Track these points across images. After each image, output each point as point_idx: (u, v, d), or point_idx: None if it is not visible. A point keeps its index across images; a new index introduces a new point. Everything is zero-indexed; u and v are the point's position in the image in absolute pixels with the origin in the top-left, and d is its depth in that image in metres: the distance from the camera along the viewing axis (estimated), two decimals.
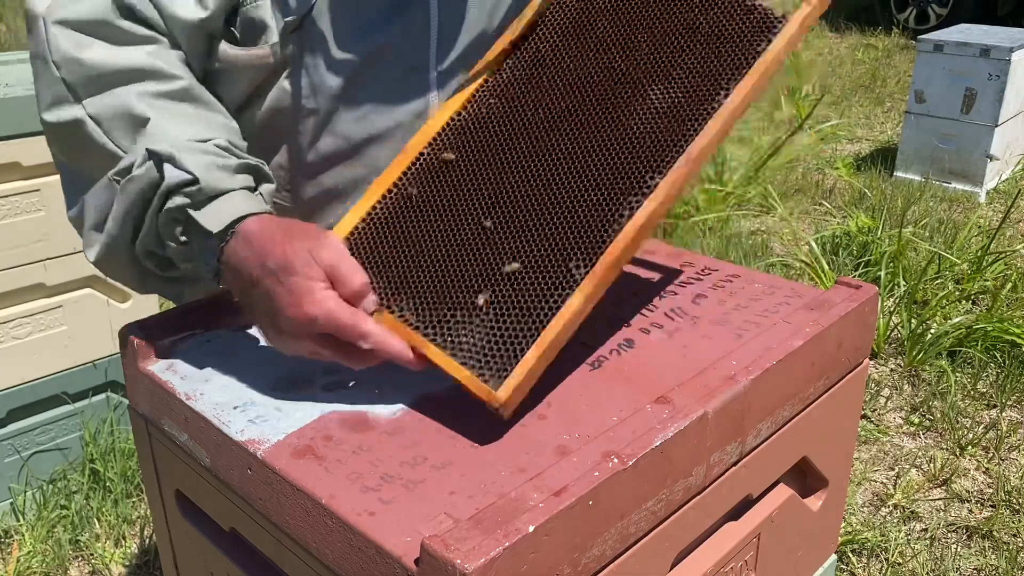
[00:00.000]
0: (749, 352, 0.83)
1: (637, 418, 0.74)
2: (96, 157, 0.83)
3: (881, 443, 2.26)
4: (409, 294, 0.79)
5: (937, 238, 3.28)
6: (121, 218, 0.81)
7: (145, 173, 0.79)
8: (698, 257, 1.08)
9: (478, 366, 0.74)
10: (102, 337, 1.98)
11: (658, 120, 0.82)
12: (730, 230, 3.44)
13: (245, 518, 0.77)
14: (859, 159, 4.34)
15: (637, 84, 0.84)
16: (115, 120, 0.82)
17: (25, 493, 1.94)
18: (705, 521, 0.78)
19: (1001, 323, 2.59)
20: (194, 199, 0.78)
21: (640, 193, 0.79)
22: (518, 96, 0.87)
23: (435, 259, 0.80)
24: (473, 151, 0.85)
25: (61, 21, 0.83)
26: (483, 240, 0.80)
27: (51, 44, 0.83)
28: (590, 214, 0.79)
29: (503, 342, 0.75)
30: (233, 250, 0.78)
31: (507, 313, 0.76)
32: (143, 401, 0.87)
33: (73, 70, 0.83)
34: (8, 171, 1.77)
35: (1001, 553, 1.86)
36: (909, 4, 6.84)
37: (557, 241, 0.78)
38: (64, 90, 0.83)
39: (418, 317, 0.78)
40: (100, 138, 0.82)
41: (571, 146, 0.83)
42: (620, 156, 0.81)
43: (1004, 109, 3.76)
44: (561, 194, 0.81)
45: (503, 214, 0.81)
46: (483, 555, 0.56)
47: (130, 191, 0.80)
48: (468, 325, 0.77)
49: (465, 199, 0.83)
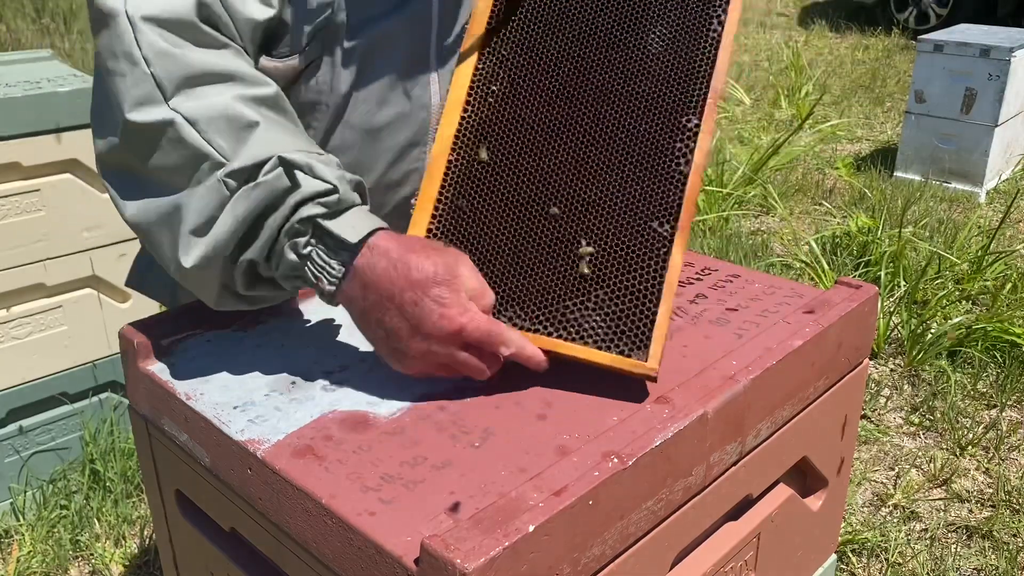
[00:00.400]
0: (749, 352, 0.83)
1: (637, 418, 0.74)
2: (183, 161, 0.79)
3: (881, 443, 2.26)
4: (509, 302, 0.80)
5: (937, 238, 3.28)
6: (234, 224, 0.77)
7: (275, 179, 0.76)
8: (698, 257, 1.08)
9: (615, 345, 0.77)
10: (102, 337, 1.98)
11: (669, 63, 0.84)
12: (730, 230, 3.44)
13: (245, 518, 0.77)
14: (859, 159, 4.34)
15: (632, 37, 0.85)
16: (215, 122, 0.78)
17: (25, 493, 1.94)
18: (705, 521, 0.78)
19: (1001, 323, 2.59)
20: (331, 208, 0.77)
21: (685, 137, 0.81)
22: (523, 78, 0.85)
23: (518, 262, 0.81)
24: (505, 145, 0.84)
25: (149, 17, 0.80)
26: (557, 227, 0.81)
27: (140, 40, 0.79)
28: (649, 171, 0.81)
29: (627, 315, 0.77)
30: (368, 264, 0.76)
31: (616, 287, 0.78)
32: (143, 401, 0.87)
33: (166, 67, 0.79)
34: (8, 171, 1.77)
35: (1001, 553, 1.86)
36: (909, 4, 6.84)
37: (629, 207, 0.80)
38: (153, 88, 0.79)
39: (532, 321, 0.79)
40: (195, 140, 0.78)
41: (597, 113, 0.83)
42: (651, 108, 0.83)
43: (1004, 109, 3.76)
44: (611, 161, 0.82)
45: (564, 197, 0.81)
46: (483, 555, 0.56)
47: (254, 197, 0.76)
48: (584, 311, 0.78)
49: (519, 195, 0.82)
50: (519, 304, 0.79)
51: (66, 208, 1.85)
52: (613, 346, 0.77)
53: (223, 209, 0.77)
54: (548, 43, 0.86)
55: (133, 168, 0.82)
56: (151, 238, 0.81)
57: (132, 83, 0.79)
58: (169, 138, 0.79)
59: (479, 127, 0.85)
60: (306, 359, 0.86)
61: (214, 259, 0.78)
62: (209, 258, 0.78)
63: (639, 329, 0.77)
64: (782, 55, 6.34)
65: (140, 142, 0.80)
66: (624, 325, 0.77)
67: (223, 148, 0.78)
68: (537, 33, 0.87)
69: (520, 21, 0.87)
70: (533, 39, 0.87)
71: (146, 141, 0.80)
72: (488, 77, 0.86)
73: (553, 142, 0.83)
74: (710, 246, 3.25)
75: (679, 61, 0.84)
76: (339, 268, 0.77)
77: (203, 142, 0.78)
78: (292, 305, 0.97)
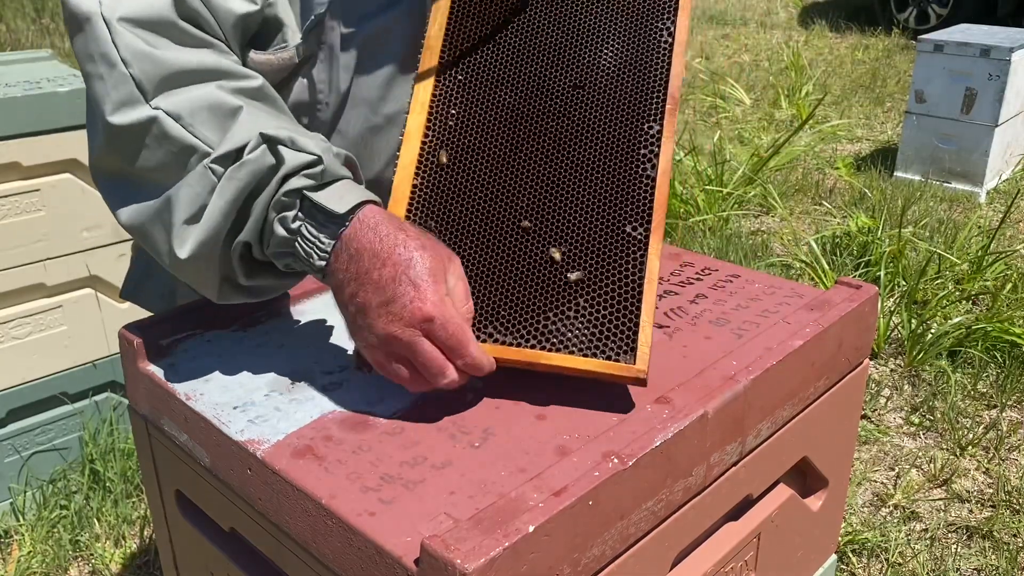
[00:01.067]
0: (749, 352, 0.83)
1: (637, 418, 0.74)
2: (170, 157, 0.78)
3: (881, 443, 2.26)
4: (489, 318, 0.79)
5: (937, 238, 3.28)
6: (225, 207, 0.76)
7: (259, 157, 0.76)
8: (698, 257, 1.08)
9: (601, 351, 0.77)
10: (102, 337, 1.98)
11: (625, 75, 0.86)
12: (730, 230, 3.44)
13: (245, 518, 0.77)
14: (859, 159, 4.34)
15: (586, 53, 0.88)
16: (198, 113, 0.78)
17: (25, 493, 1.94)
18: (705, 521, 0.78)
19: (1001, 323, 2.59)
20: (317, 180, 0.76)
21: (648, 143, 0.83)
22: (481, 99, 0.86)
23: (494, 278, 0.80)
24: (469, 165, 0.85)
25: (126, 18, 0.79)
26: (530, 241, 0.81)
27: (118, 41, 0.78)
28: (616, 178, 0.82)
29: (610, 320, 0.78)
30: (355, 236, 0.75)
31: (596, 294, 0.79)
32: (143, 401, 0.87)
33: (145, 68, 0.78)
34: (8, 171, 1.77)
35: (1001, 553, 1.86)
36: (909, 4, 6.84)
37: (601, 214, 0.81)
38: (134, 89, 0.78)
39: (513, 335, 0.78)
40: (179, 133, 0.77)
41: (559, 128, 0.85)
42: (612, 118, 0.85)
43: (1004, 109, 3.76)
44: (578, 172, 0.83)
45: (534, 210, 0.82)
46: (483, 555, 0.56)
47: (241, 176, 0.76)
48: (565, 320, 0.78)
49: (490, 212, 0.83)
50: (499, 319, 0.79)
51: (66, 208, 1.85)
52: (599, 352, 0.76)
53: (213, 195, 0.76)
54: (503, 64, 0.88)
55: (124, 172, 0.82)
56: (147, 238, 0.81)
57: (112, 85, 0.79)
58: (154, 136, 0.78)
59: (441, 150, 0.85)
60: (306, 359, 0.86)
61: (210, 246, 0.77)
62: (205, 245, 0.77)
63: (623, 333, 0.77)
64: (782, 55, 6.34)
65: (126, 144, 0.80)
66: (608, 331, 0.77)
67: (208, 138, 0.77)
68: (491, 55, 0.88)
69: (473, 44, 0.88)
70: (488, 61, 0.88)
71: (131, 142, 0.79)
72: (446, 101, 0.86)
73: (517, 158, 0.84)
74: (710, 246, 3.25)
75: (635, 72, 0.86)
76: (328, 241, 0.75)
77: (188, 135, 0.77)
78: (292, 305, 0.97)
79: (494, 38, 0.88)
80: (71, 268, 1.89)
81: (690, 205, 3.55)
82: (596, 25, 0.89)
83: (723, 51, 6.71)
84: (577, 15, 0.89)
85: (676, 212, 3.50)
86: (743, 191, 3.71)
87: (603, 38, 0.88)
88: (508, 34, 0.89)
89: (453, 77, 0.87)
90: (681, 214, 3.50)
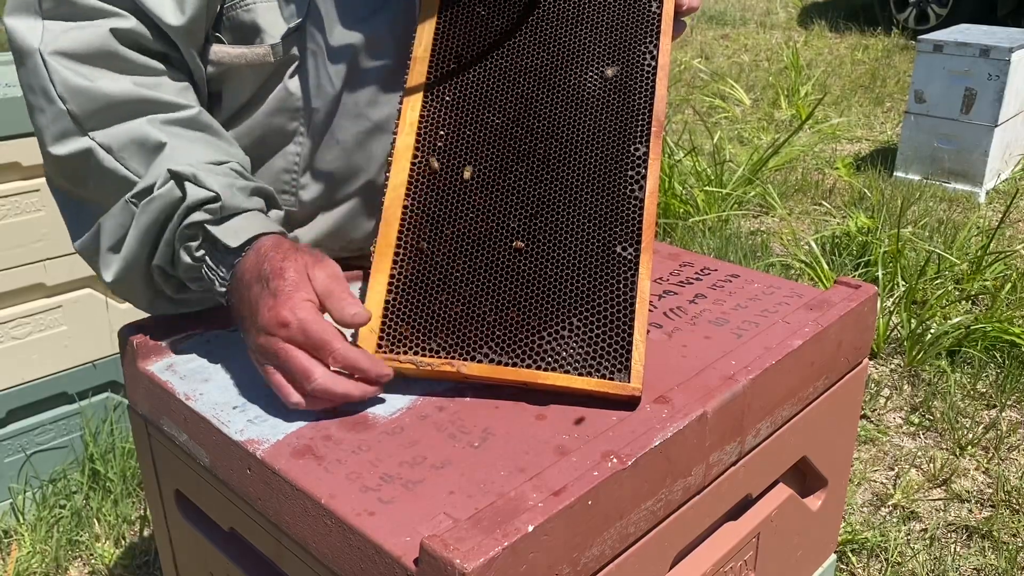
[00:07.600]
0: (748, 352, 0.83)
1: (637, 418, 0.74)
2: (107, 186, 0.84)
3: (881, 443, 2.26)
4: (484, 339, 0.80)
5: (937, 238, 3.28)
6: (140, 237, 0.83)
7: (167, 192, 0.81)
8: (697, 257, 1.08)
9: (596, 370, 0.77)
10: (102, 337, 1.98)
11: (610, 99, 0.88)
12: (730, 230, 3.44)
13: (245, 518, 0.77)
14: (859, 159, 4.33)
15: (572, 77, 0.89)
16: (127, 147, 0.83)
17: (25, 493, 1.94)
18: (704, 521, 0.78)
19: (1001, 323, 2.59)
20: (215, 216, 0.81)
21: (635, 165, 0.85)
22: (468, 122, 0.87)
23: (487, 299, 0.81)
24: (459, 187, 0.85)
25: (60, 52, 0.82)
26: (524, 260, 0.82)
27: (54, 78, 0.82)
28: (605, 200, 0.84)
29: (603, 340, 0.79)
30: (244, 266, 0.80)
31: (589, 314, 0.80)
32: (143, 401, 0.87)
33: (80, 102, 0.82)
34: (8, 171, 1.77)
35: (1001, 553, 1.86)
36: (909, 4, 6.84)
37: (591, 235, 0.83)
38: (70, 123, 0.83)
39: (508, 355, 0.79)
40: (112, 165, 0.83)
41: (547, 150, 0.86)
42: (599, 141, 0.86)
43: (1004, 109, 3.75)
44: (567, 193, 0.84)
45: (525, 231, 0.83)
46: (482, 555, 0.56)
47: (151, 210, 0.82)
48: (559, 339, 0.79)
49: (481, 233, 0.83)
50: (493, 340, 0.79)
51: None
52: (594, 371, 0.78)
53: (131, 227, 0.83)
54: (490, 85, 0.88)
55: (73, 193, 0.88)
56: (90, 262, 0.89)
57: (51, 119, 0.84)
58: (91, 166, 0.84)
59: (431, 172, 0.86)
60: None
61: (129, 272, 0.85)
62: (125, 270, 0.85)
63: (617, 352, 0.78)
64: (782, 55, 6.34)
65: (68, 171, 0.86)
66: (602, 350, 0.78)
67: (137, 171, 0.83)
68: (478, 75, 0.89)
69: (460, 64, 0.89)
70: (475, 81, 0.89)
71: (73, 170, 0.85)
72: (435, 121, 0.87)
73: (507, 181, 0.85)
74: (710, 246, 3.25)
75: (620, 96, 0.88)
76: (226, 271, 0.81)
77: (120, 167, 0.83)
78: None
79: (481, 59, 0.90)
80: (71, 268, 1.89)
81: (690, 205, 3.55)
82: (582, 48, 0.90)
83: (723, 51, 6.71)
84: (562, 38, 0.90)
85: (676, 212, 3.50)
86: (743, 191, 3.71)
87: (588, 62, 0.89)
88: (495, 55, 0.90)
89: (440, 97, 0.88)
90: (681, 214, 3.50)
